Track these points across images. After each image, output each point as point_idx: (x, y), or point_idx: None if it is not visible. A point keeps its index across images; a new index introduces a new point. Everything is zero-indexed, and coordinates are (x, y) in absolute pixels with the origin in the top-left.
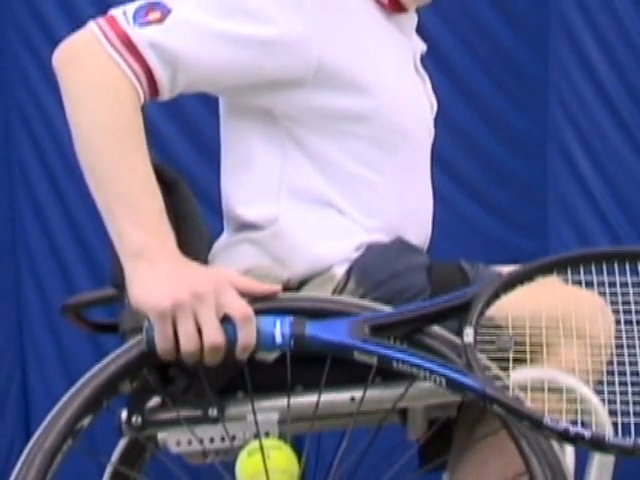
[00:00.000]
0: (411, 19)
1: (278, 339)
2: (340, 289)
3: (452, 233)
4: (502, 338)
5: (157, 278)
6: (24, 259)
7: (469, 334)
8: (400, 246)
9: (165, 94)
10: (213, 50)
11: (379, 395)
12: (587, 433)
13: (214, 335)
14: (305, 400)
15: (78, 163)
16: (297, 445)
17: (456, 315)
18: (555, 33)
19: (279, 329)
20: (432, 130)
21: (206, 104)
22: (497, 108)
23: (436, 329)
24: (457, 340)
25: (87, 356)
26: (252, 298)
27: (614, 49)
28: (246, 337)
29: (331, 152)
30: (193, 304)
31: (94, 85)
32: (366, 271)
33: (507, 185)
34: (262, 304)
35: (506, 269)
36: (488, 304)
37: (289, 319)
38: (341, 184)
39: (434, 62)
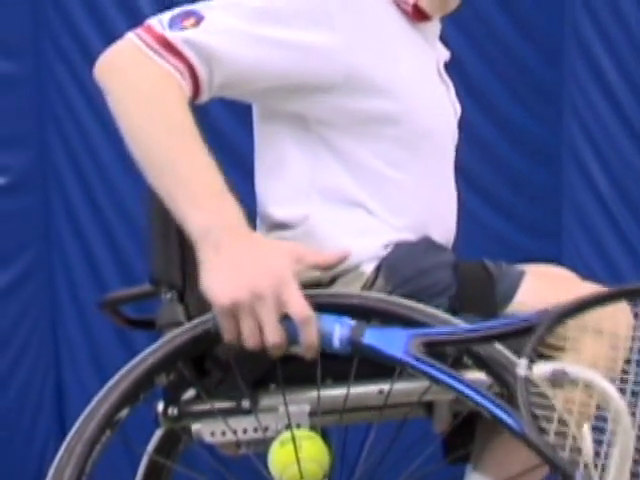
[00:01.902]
0: (434, 27)
1: (335, 343)
2: (369, 285)
3: (470, 238)
4: (556, 374)
5: (221, 269)
6: (58, 262)
7: (523, 366)
8: (427, 244)
9: (205, 93)
10: (247, 51)
11: (406, 388)
12: None
13: (274, 335)
14: (335, 392)
15: (110, 170)
16: (326, 437)
17: (516, 339)
18: (570, 46)
19: (338, 333)
20: (456, 134)
21: (234, 112)
22: (514, 118)
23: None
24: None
25: (119, 355)
26: (324, 270)
27: (626, 61)
28: (308, 338)
29: (360, 154)
30: (253, 304)
31: (139, 87)
32: (394, 268)
33: (523, 192)
34: (327, 298)
35: (528, 268)
36: (547, 334)
37: (349, 324)
38: (370, 184)
39: (454, 74)
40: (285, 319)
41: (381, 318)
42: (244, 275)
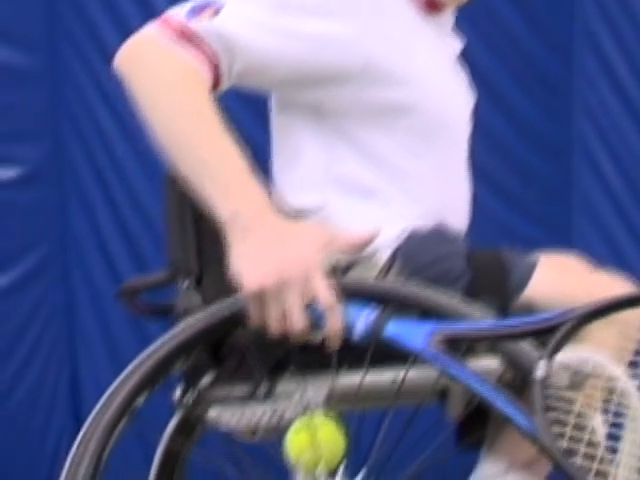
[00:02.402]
0: (447, 19)
1: (357, 333)
2: (384, 273)
3: (480, 230)
4: (576, 377)
5: (250, 254)
6: (73, 255)
7: (541, 368)
8: (441, 232)
9: (224, 81)
10: (264, 41)
11: (421, 374)
12: None
13: (298, 321)
14: (351, 379)
15: (124, 162)
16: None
17: (537, 338)
18: (580, 41)
19: (361, 323)
20: (469, 123)
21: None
22: (524, 112)
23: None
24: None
25: (134, 347)
26: (352, 252)
27: (636, 56)
28: (333, 325)
29: (376, 143)
30: (280, 290)
31: (161, 76)
32: (409, 256)
33: (533, 186)
34: (353, 286)
35: (541, 256)
36: (568, 337)
37: (373, 315)
38: (385, 173)
39: (465, 69)
40: (310, 306)
41: (408, 308)
42: (272, 260)
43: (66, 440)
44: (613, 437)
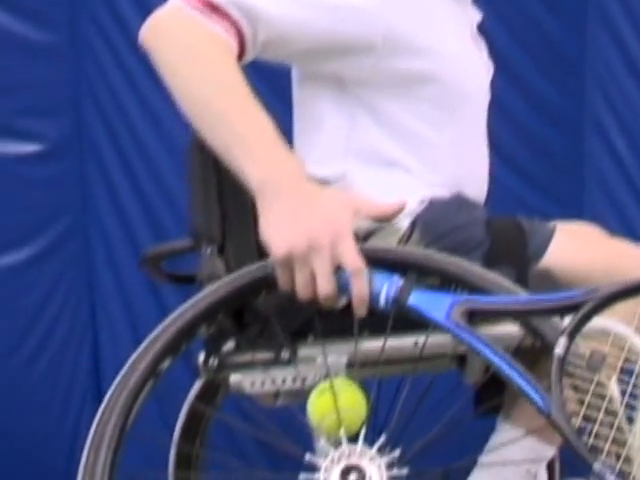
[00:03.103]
0: None
1: (381, 301)
2: (405, 241)
3: (493, 203)
4: (594, 357)
5: (280, 219)
6: (94, 227)
7: (561, 345)
8: (460, 201)
9: (249, 52)
10: (287, 10)
11: (441, 340)
12: None
13: (326, 286)
14: (371, 345)
15: (144, 136)
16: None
17: (560, 315)
18: (593, 19)
19: (385, 291)
20: (488, 94)
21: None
22: (538, 88)
23: None
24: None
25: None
26: (380, 221)
27: None
28: (359, 290)
29: (397, 113)
30: (309, 255)
31: (189, 46)
32: (429, 224)
33: (546, 159)
34: (382, 253)
35: (559, 224)
36: (590, 316)
37: (397, 283)
38: (405, 143)
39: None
40: (338, 272)
41: (436, 277)
42: (302, 225)
43: (87, 413)
44: (630, 407)
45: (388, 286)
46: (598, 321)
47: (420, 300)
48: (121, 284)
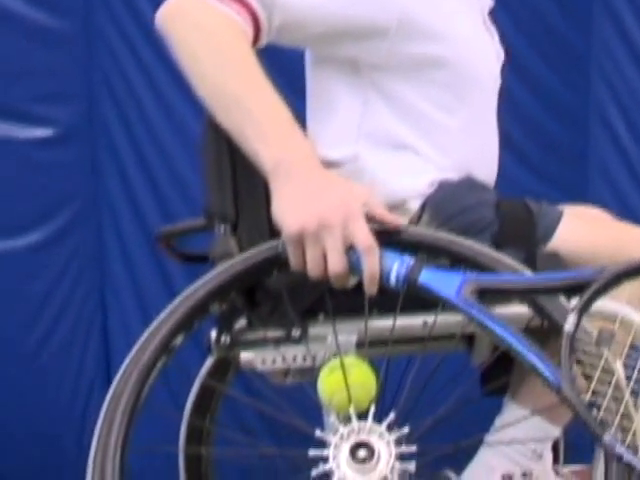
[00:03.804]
0: None
1: (392, 279)
2: (415, 221)
3: (499, 193)
4: (603, 334)
5: (292, 198)
6: (105, 211)
7: (571, 322)
8: (470, 183)
9: (264, 37)
10: None
11: (450, 320)
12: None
13: (337, 264)
14: (381, 324)
15: (155, 122)
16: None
17: (568, 293)
18: (598, 13)
19: (396, 270)
20: (498, 79)
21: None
22: (544, 81)
23: None
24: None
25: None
26: (380, 224)
27: None
28: (370, 268)
29: (410, 97)
30: (321, 233)
31: (204, 30)
32: (439, 205)
33: (551, 150)
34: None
35: (568, 208)
36: (599, 294)
37: (408, 262)
38: (417, 126)
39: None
40: (349, 251)
41: (448, 258)
42: (314, 205)
43: (95, 398)
44: (635, 393)
45: (399, 264)
46: (605, 304)
47: (430, 278)
48: (131, 269)
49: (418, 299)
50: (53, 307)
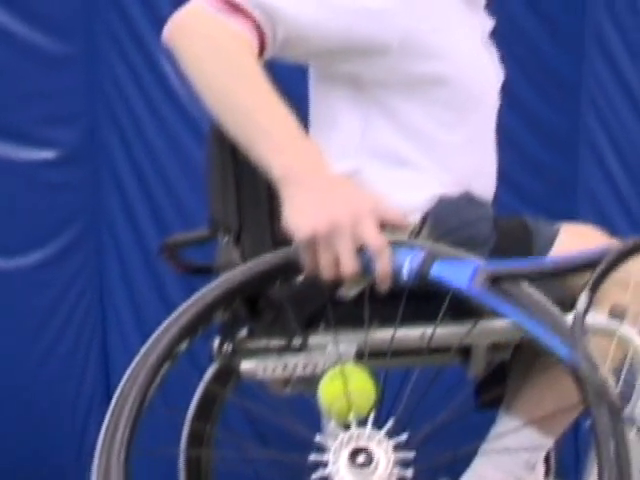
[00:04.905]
0: None
1: (404, 275)
2: (415, 235)
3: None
4: (616, 309)
5: (303, 204)
6: (106, 232)
7: (583, 300)
8: (469, 198)
9: (269, 49)
10: (305, 10)
11: (448, 332)
12: None
13: (350, 266)
14: (380, 335)
15: (156, 145)
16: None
17: (580, 273)
18: (589, 41)
19: (408, 265)
20: (497, 98)
21: None
22: (534, 108)
23: None
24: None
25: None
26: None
27: None
28: (382, 267)
29: (411, 113)
30: (331, 236)
31: (212, 43)
32: (439, 219)
33: (541, 177)
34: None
35: (565, 225)
36: (609, 271)
37: (420, 256)
38: (417, 142)
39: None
40: (361, 252)
41: None
42: (324, 209)
43: (95, 412)
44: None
45: (410, 259)
46: (602, 321)
47: (443, 270)
48: (130, 287)
49: (417, 310)
50: (55, 324)
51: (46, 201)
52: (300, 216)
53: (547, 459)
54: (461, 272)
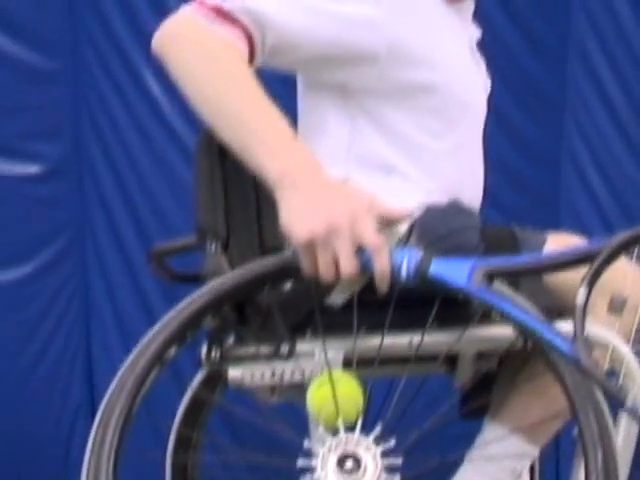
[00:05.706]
0: (468, 7)
1: (403, 274)
2: (402, 243)
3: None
4: (615, 300)
5: (299, 206)
6: (90, 246)
7: (582, 294)
8: (456, 207)
9: (259, 56)
10: (294, 17)
11: (435, 340)
12: None
13: (348, 267)
14: (368, 341)
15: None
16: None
17: (576, 268)
18: (573, 61)
19: (406, 264)
20: (485, 107)
21: None
22: (517, 122)
23: None
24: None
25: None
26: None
27: (624, 75)
28: (381, 266)
29: (398, 122)
30: (329, 237)
31: (202, 50)
32: (427, 227)
33: (523, 191)
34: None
35: (552, 235)
36: (606, 264)
37: (417, 255)
38: (405, 151)
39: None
40: (359, 252)
41: None
42: (321, 211)
43: (80, 423)
44: None
45: (408, 258)
46: (598, 333)
47: (441, 268)
48: (114, 300)
49: (405, 317)
50: (41, 336)
51: (30, 215)
52: (297, 219)
53: (532, 470)
54: (459, 269)
